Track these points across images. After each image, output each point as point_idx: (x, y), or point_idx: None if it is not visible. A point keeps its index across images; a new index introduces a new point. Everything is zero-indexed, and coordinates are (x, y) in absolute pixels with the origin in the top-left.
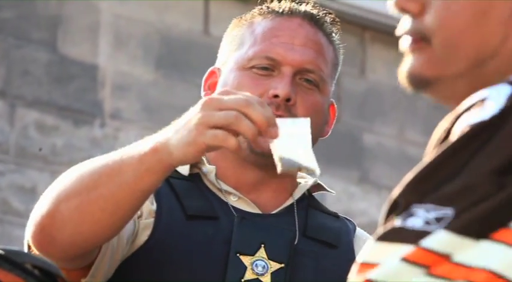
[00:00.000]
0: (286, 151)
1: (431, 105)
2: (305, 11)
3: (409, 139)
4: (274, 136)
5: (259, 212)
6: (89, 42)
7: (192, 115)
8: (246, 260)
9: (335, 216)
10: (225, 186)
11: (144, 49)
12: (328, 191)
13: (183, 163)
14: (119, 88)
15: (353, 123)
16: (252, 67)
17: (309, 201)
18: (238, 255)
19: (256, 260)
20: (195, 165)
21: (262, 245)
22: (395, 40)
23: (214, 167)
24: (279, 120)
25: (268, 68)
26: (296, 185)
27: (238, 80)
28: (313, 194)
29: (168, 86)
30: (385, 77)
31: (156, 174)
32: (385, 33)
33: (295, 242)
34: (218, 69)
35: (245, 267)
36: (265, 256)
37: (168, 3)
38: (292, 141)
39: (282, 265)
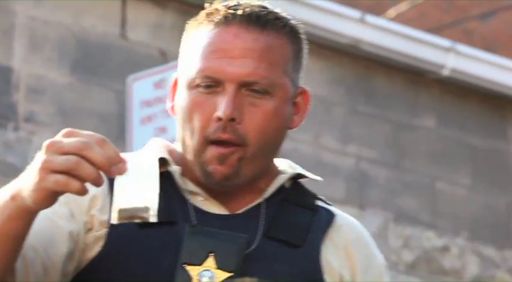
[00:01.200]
0: (125, 197)
1: (347, 113)
2: (242, 15)
3: (324, 145)
4: (122, 173)
5: (226, 212)
6: (3, 44)
7: (37, 159)
8: (192, 270)
9: (311, 208)
10: (191, 187)
11: (59, 52)
12: (311, 178)
13: (37, 208)
14: (33, 91)
15: None
16: (198, 86)
17: (286, 194)
18: (184, 266)
19: (203, 271)
20: (163, 165)
21: (212, 254)
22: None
23: (179, 167)
24: (126, 155)
25: (211, 85)
26: (273, 180)
27: (188, 100)
28: (299, 181)
29: (84, 90)
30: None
31: (17, 220)
32: None
33: (253, 246)
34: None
35: (191, 280)
36: (213, 266)
37: (85, 6)
38: (138, 179)
39: (231, 274)
